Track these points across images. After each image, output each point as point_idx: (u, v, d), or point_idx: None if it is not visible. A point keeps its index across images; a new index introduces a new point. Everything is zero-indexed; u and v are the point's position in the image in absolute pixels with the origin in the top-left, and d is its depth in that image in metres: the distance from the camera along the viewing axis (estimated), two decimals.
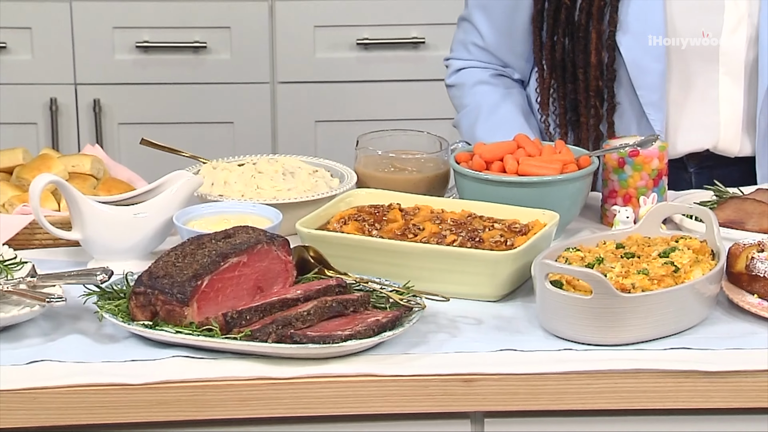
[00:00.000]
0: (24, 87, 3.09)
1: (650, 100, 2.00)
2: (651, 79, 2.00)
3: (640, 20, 1.98)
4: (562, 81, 2.02)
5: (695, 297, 1.56)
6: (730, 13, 2.01)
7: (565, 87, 2.03)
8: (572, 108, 2.04)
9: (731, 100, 2.03)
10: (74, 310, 1.59)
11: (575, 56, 2.00)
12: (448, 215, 1.72)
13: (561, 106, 2.05)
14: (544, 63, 2.04)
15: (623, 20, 1.98)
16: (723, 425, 1.52)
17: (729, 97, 2.03)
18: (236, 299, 1.54)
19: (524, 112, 2.07)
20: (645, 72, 2.00)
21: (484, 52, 2.11)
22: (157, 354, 1.50)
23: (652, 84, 2.00)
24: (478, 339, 1.54)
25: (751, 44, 2.01)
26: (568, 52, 2.01)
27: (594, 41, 1.99)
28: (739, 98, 2.03)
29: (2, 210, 1.81)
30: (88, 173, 1.88)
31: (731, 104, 2.03)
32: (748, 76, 2.02)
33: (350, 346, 1.48)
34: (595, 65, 1.99)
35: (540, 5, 2.02)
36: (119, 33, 3.11)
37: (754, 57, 2.01)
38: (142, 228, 1.70)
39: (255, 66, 3.14)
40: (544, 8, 2.01)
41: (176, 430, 1.48)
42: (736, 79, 2.02)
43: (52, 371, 1.47)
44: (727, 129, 2.04)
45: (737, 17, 2.01)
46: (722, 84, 2.03)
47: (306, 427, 1.49)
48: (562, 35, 2.01)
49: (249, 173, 1.87)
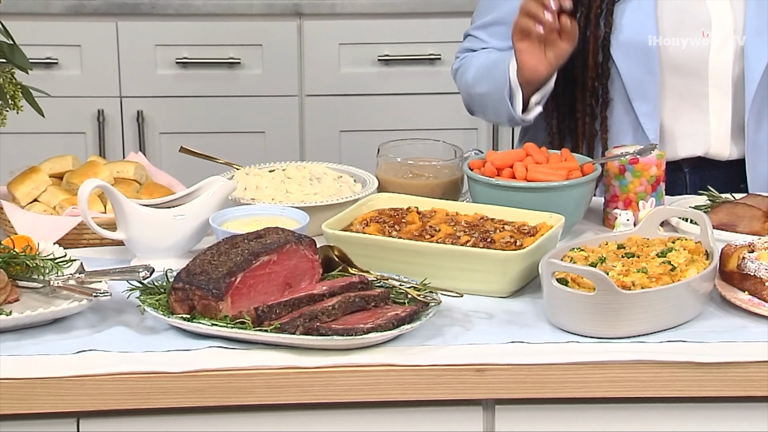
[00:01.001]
0: (74, 100, 3.10)
1: (645, 111, 2.00)
2: (647, 92, 1.99)
3: (634, 36, 1.97)
4: (562, 85, 2.02)
5: (690, 294, 1.55)
6: (717, 31, 2.00)
7: (564, 91, 2.02)
8: (569, 110, 2.03)
9: (719, 111, 2.03)
10: (118, 304, 1.59)
11: (574, 58, 2.00)
12: (462, 218, 1.72)
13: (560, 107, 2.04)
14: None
15: (618, 29, 1.97)
16: (716, 413, 1.51)
17: (717, 108, 2.02)
18: (267, 294, 1.54)
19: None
20: (640, 85, 1.99)
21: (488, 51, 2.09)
22: (194, 345, 1.50)
23: (646, 96, 1.99)
24: (489, 332, 1.54)
25: (737, 59, 2.00)
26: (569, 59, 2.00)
27: (591, 44, 1.98)
28: (727, 109, 2.02)
29: (53, 212, 1.81)
30: (132, 178, 1.88)
31: (719, 114, 2.03)
32: (734, 88, 2.01)
33: (372, 338, 1.48)
34: (592, 66, 1.99)
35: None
36: (161, 50, 3.12)
37: (739, 71, 2.01)
38: (180, 229, 1.70)
39: (284, 80, 3.14)
40: None
41: (211, 414, 1.48)
42: (723, 92, 2.02)
43: (98, 360, 1.47)
44: (716, 137, 2.03)
45: (724, 35, 2.00)
46: (711, 96, 2.02)
47: (331, 412, 1.49)
48: None
49: (279, 179, 1.87)
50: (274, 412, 1.48)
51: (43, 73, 3.03)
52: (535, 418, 1.51)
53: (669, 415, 1.51)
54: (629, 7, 1.98)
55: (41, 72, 3.00)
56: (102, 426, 1.48)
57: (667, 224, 1.81)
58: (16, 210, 1.80)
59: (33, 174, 1.85)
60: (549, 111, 2.05)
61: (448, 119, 2.99)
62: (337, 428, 1.50)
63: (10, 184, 1.85)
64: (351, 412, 1.49)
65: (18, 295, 1.59)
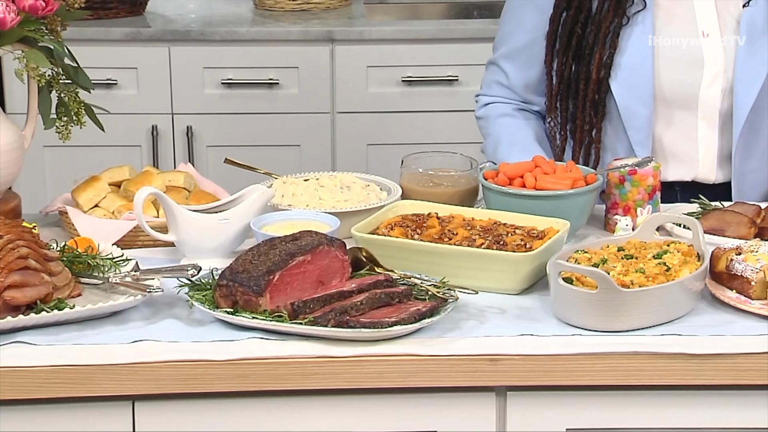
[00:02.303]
0: (130, 116, 3.12)
1: (638, 139, 1.98)
2: (639, 122, 1.98)
3: (631, 71, 1.97)
4: (566, 96, 2.01)
5: (684, 292, 1.54)
6: (709, 69, 1.98)
7: (567, 100, 2.02)
8: (572, 119, 2.02)
9: (707, 141, 2.01)
10: (169, 299, 1.59)
11: (579, 73, 1.99)
12: (477, 222, 1.71)
13: (563, 114, 2.03)
14: (554, 75, 2.03)
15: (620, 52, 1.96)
16: (707, 399, 1.50)
17: (705, 138, 2.01)
18: (302, 291, 1.53)
19: (538, 138, 2.06)
20: (634, 116, 1.98)
21: (507, 89, 2.10)
22: (236, 336, 1.49)
23: (639, 126, 1.98)
24: (501, 325, 1.53)
25: (726, 95, 1.98)
26: (574, 72, 2.00)
27: (596, 61, 1.97)
28: (714, 139, 2.00)
29: (112, 216, 1.82)
30: (182, 186, 1.88)
31: (707, 144, 2.01)
32: (722, 121, 1.99)
33: (396, 330, 1.47)
34: (595, 80, 1.98)
35: (556, 25, 2.00)
36: (208, 72, 3.13)
37: (728, 106, 1.98)
38: (225, 232, 1.70)
39: (318, 99, 3.15)
40: (558, 31, 2.00)
41: (252, 398, 1.48)
42: (711, 124, 2.00)
43: (151, 349, 1.47)
44: (704, 164, 2.02)
45: (714, 72, 1.98)
46: (700, 127, 2.00)
47: (359, 397, 1.49)
48: (571, 58, 2.00)
49: (313, 187, 1.87)
50: (308, 396, 1.48)
51: (104, 92, 3.05)
52: (543, 403, 1.50)
53: (664, 401, 1.50)
54: (633, 33, 1.97)
55: (102, 92, 3.02)
56: (154, 408, 1.48)
57: (663, 229, 1.81)
58: (79, 214, 1.80)
59: (94, 182, 1.85)
60: (553, 114, 2.04)
61: (464, 134, 2.99)
62: (364, 411, 1.49)
63: (74, 191, 1.85)
64: (377, 397, 1.49)
65: (80, 291, 1.59)
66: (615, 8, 1.96)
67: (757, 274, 1.58)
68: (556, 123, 2.04)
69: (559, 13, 2.00)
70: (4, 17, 1.70)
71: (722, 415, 1.51)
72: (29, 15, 1.74)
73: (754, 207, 1.83)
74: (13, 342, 1.47)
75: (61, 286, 1.56)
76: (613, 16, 1.96)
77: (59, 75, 1.81)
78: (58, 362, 1.44)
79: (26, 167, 1.93)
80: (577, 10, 1.98)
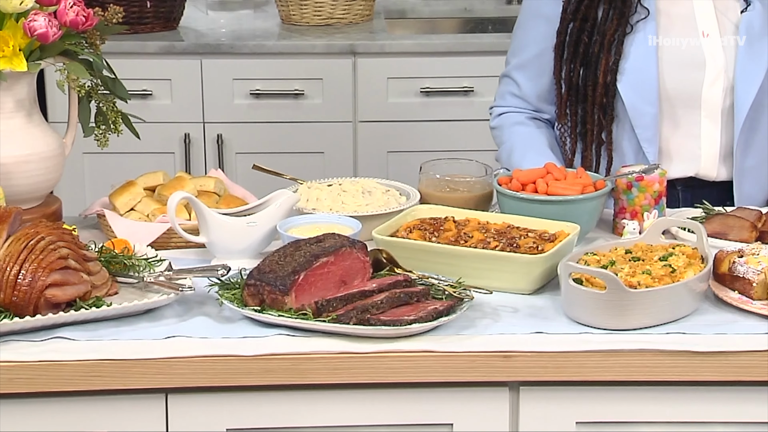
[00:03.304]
0: (164, 125, 3.12)
1: (645, 137, 1.98)
2: (646, 120, 1.97)
3: (637, 74, 1.96)
4: (575, 101, 2.01)
5: (688, 293, 1.53)
6: (710, 68, 1.97)
7: (576, 105, 2.01)
8: (582, 123, 2.02)
9: (710, 138, 2.00)
10: (200, 297, 1.59)
11: (587, 79, 1.98)
12: (492, 226, 1.70)
13: (573, 119, 2.02)
14: (563, 83, 2.02)
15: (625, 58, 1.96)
16: (711, 395, 1.49)
17: (708, 135, 1.99)
18: (325, 290, 1.53)
19: (551, 146, 2.05)
20: (641, 114, 1.97)
21: (519, 99, 2.10)
22: (264, 332, 1.49)
23: (647, 124, 1.97)
24: (515, 324, 1.52)
25: (727, 94, 1.97)
26: (582, 77, 1.99)
27: (603, 67, 1.97)
28: (717, 136, 1.99)
29: (147, 219, 1.82)
30: (212, 191, 1.88)
31: (710, 141, 2.00)
32: (724, 118, 1.98)
33: (414, 328, 1.47)
34: (602, 85, 1.97)
35: (563, 37, 2.00)
36: (237, 83, 3.13)
37: (729, 104, 1.98)
38: (253, 234, 1.70)
39: (341, 108, 3.15)
40: (566, 41, 2.00)
41: (278, 392, 1.48)
42: (714, 121, 1.99)
43: (183, 344, 1.47)
44: (706, 160, 2.00)
45: (716, 72, 1.97)
46: (703, 125, 1.99)
47: (379, 391, 1.48)
48: (579, 65, 1.99)
49: (335, 192, 1.87)
50: (331, 390, 1.48)
51: (140, 102, 3.06)
52: (554, 398, 1.49)
53: (669, 396, 1.49)
54: (637, 39, 1.96)
55: (138, 102, 3.03)
56: (186, 400, 1.48)
57: (668, 233, 1.79)
58: (116, 217, 1.80)
59: (130, 187, 1.86)
60: (564, 120, 2.03)
61: (480, 142, 2.98)
62: (384, 404, 1.49)
63: (111, 195, 1.86)
64: (396, 391, 1.48)
65: (117, 289, 1.60)
66: (619, 17, 1.96)
67: (759, 276, 1.57)
68: (567, 128, 2.04)
69: (565, 24, 2.00)
70: (46, 31, 1.70)
71: (725, 409, 1.50)
72: (70, 29, 1.75)
73: (756, 212, 1.82)
74: (54, 337, 1.48)
75: (99, 284, 1.56)
76: (617, 24, 1.96)
77: (98, 86, 1.82)
78: (95, 357, 1.45)
79: (66, 173, 1.94)
80: (582, 21, 1.98)
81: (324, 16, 3.29)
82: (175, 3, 3.23)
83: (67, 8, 1.73)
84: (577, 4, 1.98)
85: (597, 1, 1.97)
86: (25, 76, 1.75)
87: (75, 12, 1.74)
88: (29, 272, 1.48)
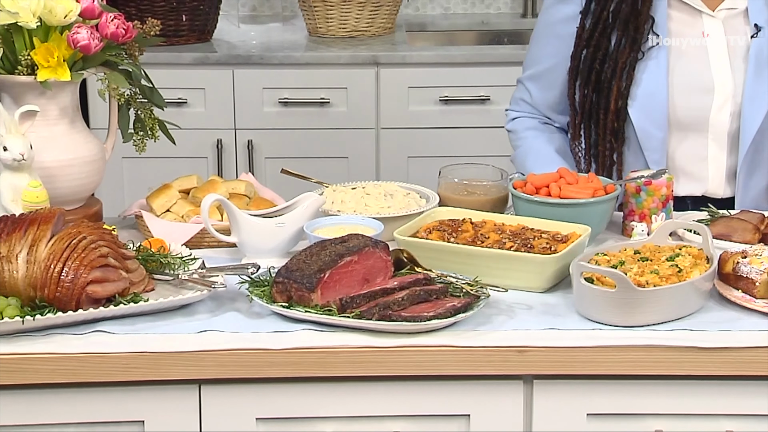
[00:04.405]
0: (198, 131, 3.13)
1: (654, 159, 1.96)
2: (655, 144, 1.95)
3: (649, 99, 1.94)
4: (588, 125, 1.99)
5: (694, 291, 1.52)
6: (719, 94, 1.95)
7: (589, 129, 2.00)
8: (594, 145, 2.00)
9: (716, 160, 1.98)
10: (231, 294, 1.59)
11: (599, 104, 1.97)
12: (507, 227, 1.70)
13: (587, 141, 2.01)
14: (576, 107, 2.01)
15: (636, 84, 1.94)
16: (714, 388, 1.48)
17: (715, 157, 1.98)
18: (349, 288, 1.52)
19: (563, 152, 2.04)
20: (650, 138, 1.95)
21: (531, 107, 2.10)
22: (291, 327, 1.49)
23: (655, 147, 1.95)
24: (529, 320, 1.51)
25: (734, 118, 1.95)
26: (595, 105, 1.98)
27: (614, 93, 1.95)
28: (723, 158, 1.97)
29: (181, 220, 1.82)
30: (243, 194, 1.88)
31: (716, 163, 1.98)
32: (729, 142, 1.96)
33: (433, 324, 1.46)
34: (613, 111, 1.96)
35: (576, 62, 1.99)
36: (267, 92, 3.14)
37: (735, 128, 1.95)
38: (281, 234, 1.70)
39: (364, 116, 3.15)
40: (579, 67, 1.98)
41: (304, 383, 1.48)
42: (720, 144, 1.97)
43: (215, 338, 1.47)
44: (713, 181, 1.99)
45: (724, 97, 1.95)
46: (710, 148, 1.97)
47: (399, 383, 1.48)
48: (591, 90, 1.98)
49: (359, 195, 1.86)
50: (354, 382, 1.47)
51: (175, 110, 3.07)
52: (566, 391, 1.48)
53: (676, 390, 1.48)
54: (648, 67, 1.94)
55: (173, 109, 3.04)
56: (218, 391, 1.48)
57: (675, 235, 1.78)
58: (153, 218, 1.81)
59: (166, 189, 1.86)
60: (577, 141, 2.02)
61: (495, 148, 2.97)
62: (404, 396, 1.48)
63: (148, 197, 1.86)
64: (416, 384, 1.48)
65: (153, 286, 1.60)
66: (631, 45, 1.94)
67: (761, 276, 1.56)
68: (580, 149, 2.03)
69: (579, 51, 1.98)
70: (89, 43, 1.71)
71: (728, 402, 1.49)
72: (111, 41, 1.75)
73: (758, 215, 1.81)
74: (95, 331, 1.48)
75: (137, 281, 1.57)
76: (629, 51, 1.94)
77: (136, 94, 1.82)
78: (133, 349, 1.45)
79: (107, 176, 1.95)
80: (595, 48, 1.97)
81: (348, 29, 3.29)
82: (209, 16, 3.24)
83: (108, 22, 1.74)
84: (591, 32, 1.97)
85: (610, 29, 1.95)
86: (68, 85, 1.76)
87: (115, 25, 1.74)
88: (72, 270, 1.48)
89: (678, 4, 1.97)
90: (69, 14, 1.72)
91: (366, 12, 3.27)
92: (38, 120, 1.71)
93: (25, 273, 1.48)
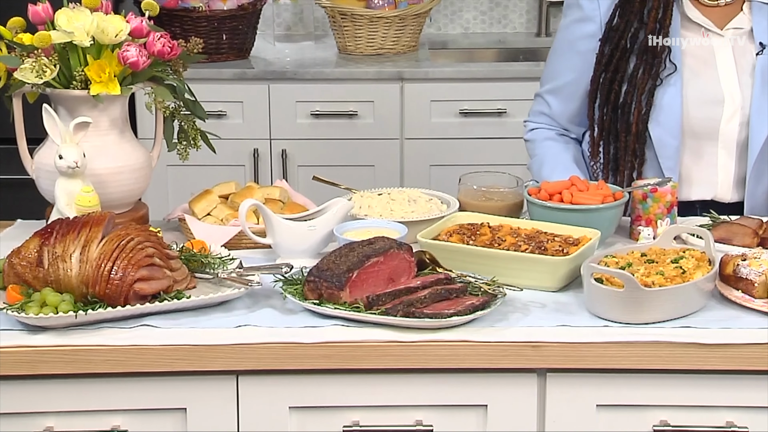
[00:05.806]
0: (236, 141, 3.14)
1: (668, 165, 1.95)
2: (669, 152, 1.94)
3: (665, 110, 1.93)
4: (608, 141, 1.99)
5: (697, 291, 1.51)
6: (729, 106, 1.94)
7: (609, 145, 1.99)
8: (614, 160, 1.99)
9: (726, 167, 1.96)
10: (267, 292, 1.59)
11: (619, 126, 1.96)
12: (522, 231, 1.69)
13: (605, 156, 2.00)
14: (596, 126, 2.00)
15: (656, 108, 1.94)
16: (716, 382, 1.47)
17: (724, 164, 1.96)
18: (375, 286, 1.53)
19: (576, 161, 2.04)
20: (665, 146, 1.94)
21: (550, 118, 2.09)
22: (322, 323, 1.49)
23: (670, 155, 1.94)
24: (543, 317, 1.51)
25: (743, 128, 1.94)
26: (614, 123, 1.97)
27: (635, 117, 1.94)
28: (732, 166, 1.96)
29: (221, 223, 1.83)
30: (278, 199, 1.89)
31: (726, 170, 1.97)
32: (738, 150, 1.95)
33: (454, 320, 1.46)
34: (634, 134, 1.95)
35: (596, 85, 1.98)
36: (300, 105, 3.14)
37: (744, 137, 1.94)
38: (313, 237, 1.70)
39: (390, 127, 3.15)
40: (599, 88, 1.98)
41: (334, 375, 1.48)
42: (730, 153, 1.96)
43: (252, 333, 1.48)
44: (722, 186, 1.97)
45: (733, 108, 1.94)
46: (720, 156, 1.96)
47: (422, 375, 1.48)
48: (611, 111, 1.97)
49: (385, 200, 1.86)
50: (380, 374, 1.48)
51: (215, 121, 3.08)
52: (577, 383, 1.48)
53: (679, 383, 1.47)
54: (667, 92, 1.93)
55: (214, 121, 3.05)
56: (254, 381, 1.48)
57: (679, 238, 1.77)
58: (195, 221, 1.82)
59: (207, 195, 1.87)
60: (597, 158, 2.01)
61: (511, 157, 2.97)
62: (427, 387, 1.48)
63: (190, 202, 1.87)
64: (437, 376, 1.48)
65: (195, 284, 1.61)
66: (649, 71, 1.93)
67: (760, 277, 1.55)
68: (599, 165, 2.02)
69: (598, 75, 1.98)
70: (137, 60, 1.73)
71: (728, 395, 1.48)
72: (157, 58, 1.77)
73: (757, 220, 1.79)
74: (141, 325, 1.49)
75: (180, 279, 1.57)
76: (647, 77, 1.93)
77: (180, 107, 1.83)
78: (176, 342, 1.46)
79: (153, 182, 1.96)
80: (614, 72, 1.96)
81: (375, 47, 3.29)
82: (247, 36, 3.26)
83: (155, 40, 1.75)
84: (609, 57, 1.96)
85: (628, 54, 1.95)
86: (118, 98, 1.77)
87: (162, 43, 1.75)
88: (120, 268, 1.49)
89: (689, 24, 1.97)
90: (119, 33, 1.74)
91: (392, 31, 3.27)
92: (91, 130, 1.73)
93: (78, 271, 1.50)
